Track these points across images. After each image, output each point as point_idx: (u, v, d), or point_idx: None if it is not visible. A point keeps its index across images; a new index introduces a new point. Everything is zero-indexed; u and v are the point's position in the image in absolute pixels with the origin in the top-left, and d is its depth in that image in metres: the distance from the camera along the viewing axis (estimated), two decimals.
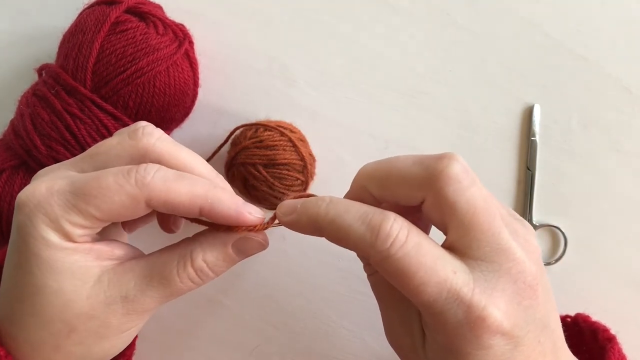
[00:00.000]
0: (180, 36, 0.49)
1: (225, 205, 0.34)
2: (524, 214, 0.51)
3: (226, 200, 0.34)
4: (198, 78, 0.50)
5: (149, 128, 0.35)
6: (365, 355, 0.50)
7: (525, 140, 0.52)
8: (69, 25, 0.48)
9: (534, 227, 0.50)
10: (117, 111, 0.46)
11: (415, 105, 0.53)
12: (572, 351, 0.37)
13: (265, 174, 0.47)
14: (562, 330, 0.36)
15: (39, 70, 0.49)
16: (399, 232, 0.32)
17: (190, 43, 0.50)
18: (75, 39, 0.46)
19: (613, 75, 0.52)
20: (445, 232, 0.34)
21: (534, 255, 0.34)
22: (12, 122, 0.48)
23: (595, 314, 0.45)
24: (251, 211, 0.35)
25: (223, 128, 0.52)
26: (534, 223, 0.51)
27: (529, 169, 0.51)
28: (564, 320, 0.44)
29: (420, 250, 0.32)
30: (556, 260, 0.51)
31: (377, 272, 0.37)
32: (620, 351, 0.41)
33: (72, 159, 0.36)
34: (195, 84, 0.50)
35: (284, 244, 0.51)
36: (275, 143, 0.47)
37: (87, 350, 0.34)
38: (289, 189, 0.47)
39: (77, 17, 0.48)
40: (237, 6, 0.54)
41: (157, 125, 0.37)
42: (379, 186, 0.35)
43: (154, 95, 0.46)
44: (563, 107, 0.52)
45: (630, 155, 0.51)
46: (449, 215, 0.33)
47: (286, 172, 0.47)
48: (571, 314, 0.46)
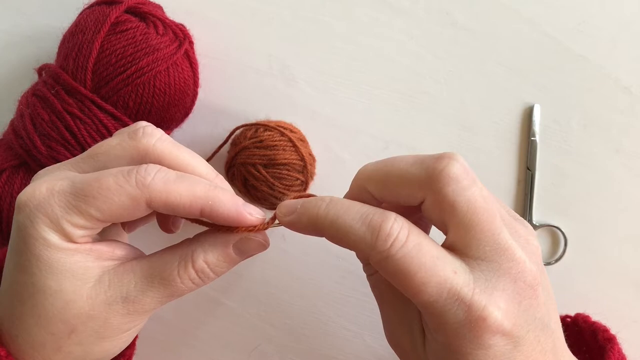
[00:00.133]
0: (180, 36, 0.49)
1: (226, 206, 0.34)
2: (524, 214, 0.51)
3: (227, 201, 0.34)
4: (198, 78, 0.50)
5: (149, 128, 0.35)
6: (365, 355, 0.50)
7: (525, 140, 0.52)
8: (69, 25, 0.48)
9: (534, 227, 0.50)
10: (117, 111, 0.46)
11: (415, 105, 0.53)
12: (572, 351, 0.37)
13: (265, 174, 0.46)
14: (562, 330, 0.36)
15: (39, 70, 0.49)
16: (400, 232, 0.32)
17: (190, 43, 0.50)
18: (75, 39, 0.46)
19: (613, 75, 0.52)
20: (445, 232, 0.34)
21: (534, 255, 0.34)
22: (12, 122, 0.48)
23: (595, 314, 0.45)
24: (251, 212, 0.35)
25: (223, 128, 0.52)
26: (534, 223, 0.51)
27: (529, 169, 0.51)
28: (564, 320, 0.44)
29: (421, 251, 0.32)
30: (556, 260, 0.51)
31: (377, 273, 0.37)
32: (620, 351, 0.41)
33: (72, 159, 0.36)
34: (195, 84, 0.50)
35: (284, 244, 0.51)
36: (275, 143, 0.47)
37: (88, 350, 0.34)
38: (289, 189, 0.47)
39: (77, 17, 0.48)
40: (237, 6, 0.54)
41: (157, 125, 0.37)
42: (379, 186, 0.35)
43: (154, 95, 0.46)
44: (563, 107, 0.52)
45: (630, 155, 0.51)
46: (449, 215, 0.33)
47: (286, 172, 0.47)
48: (571, 314, 0.46)
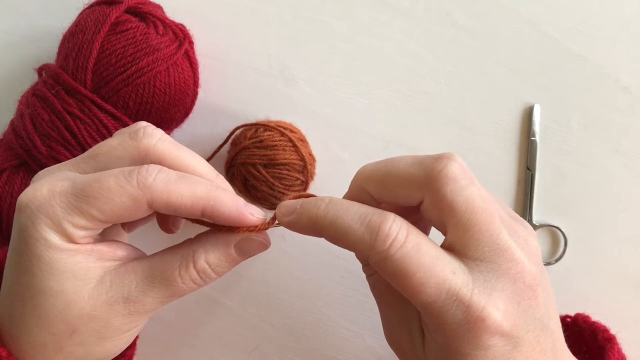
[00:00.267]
0: (180, 36, 0.49)
1: (227, 206, 0.34)
2: (524, 214, 0.51)
3: (228, 201, 0.34)
4: (198, 78, 0.50)
5: (150, 129, 0.35)
6: (365, 355, 0.50)
7: (525, 140, 0.52)
8: (69, 25, 0.48)
9: (534, 227, 0.50)
10: (117, 111, 0.46)
11: (415, 105, 0.53)
12: (572, 351, 0.37)
13: (265, 174, 0.47)
14: (562, 330, 0.36)
15: (39, 70, 0.49)
16: (398, 233, 0.32)
17: (190, 43, 0.50)
18: (75, 39, 0.46)
19: (613, 75, 0.52)
20: (444, 233, 0.34)
21: (534, 255, 0.34)
22: (12, 122, 0.48)
23: (595, 314, 0.45)
24: (253, 212, 0.35)
25: (223, 128, 0.52)
26: (534, 223, 0.51)
27: (529, 169, 0.51)
28: (563, 320, 0.44)
29: (420, 251, 0.32)
30: (556, 260, 0.51)
31: (377, 273, 0.37)
32: (619, 351, 0.41)
33: (73, 160, 0.36)
34: (195, 84, 0.50)
35: (284, 244, 0.51)
36: (275, 143, 0.47)
37: (89, 350, 0.34)
38: (289, 189, 0.47)
39: (77, 17, 0.48)
40: (237, 6, 0.54)
41: (157, 126, 0.37)
42: (378, 187, 0.35)
43: (154, 96, 0.46)
44: (563, 107, 0.52)
45: (630, 155, 0.51)
46: (448, 215, 0.33)
47: (286, 172, 0.47)
48: (571, 314, 0.46)
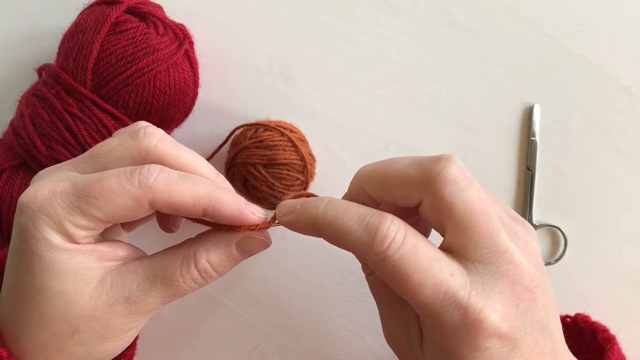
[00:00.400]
0: (180, 36, 0.49)
1: (229, 205, 0.34)
2: (524, 214, 0.51)
3: (229, 200, 0.34)
4: (198, 78, 0.50)
5: (150, 129, 0.35)
6: (365, 355, 0.50)
7: (525, 140, 0.52)
8: (69, 25, 0.48)
9: (534, 227, 0.50)
10: (117, 111, 0.46)
11: (415, 105, 0.53)
12: (572, 351, 0.36)
13: (265, 174, 0.47)
14: (562, 330, 0.36)
15: (39, 70, 0.49)
16: (396, 234, 0.32)
17: (190, 43, 0.50)
18: (75, 39, 0.46)
19: (613, 75, 0.52)
20: (443, 234, 0.34)
21: (534, 257, 0.34)
22: (12, 122, 0.48)
23: (595, 314, 0.45)
24: (254, 211, 0.35)
25: (223, 128, 0.52)
26: (534, 223, 0.51)
27: (529, 169, 0.51)
28: (563, 320, 0.44)
29: (417, 252, 0.32)
30: (556, 260, 0.51)
31: (375, 273, 0.37)
32: (619, 351, 0.41)
33: (73, 160, 0.36)
34: (195, 84, 0.50)
35: (284, 244, 0.51)
36: (275, 143, 0.47)
37: (90, 350, 0.34)
38: (289, 189, 0.47)
39: (77, 17, 0.48)
40: (237, 6, 0.54)
41: (157, 125, 0.37)
42: (377, 188, 0.35)
43: (154, 96, 0.46)
44: (563, 107, 0.52)
45: (630, 155, 0.51)
46: (446, 216, 0.33)
47: (286, 172, 0.47)
48: (571, 314, 0.46)
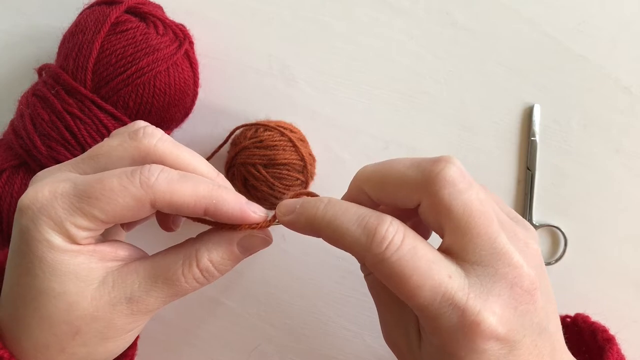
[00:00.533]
0: (180, 36, 0.49)
1: (230, 204, 0.34)
2: (524, 214, 0.51)
3: (230, 200, 0.34)
4: (198, 78, 0.50)
5: (150, 129, 0.35)
6: (365, 355, 0.50)
7: (525, 140, 0.52)
8: (69, 25, 0.48)
9: (533, 227, 0.50)
10: (117, 111, 0.46)
11: (415, 105, 0.53)
12: (572, 351, 0.36)
13: (265, 174, 0.47)
14: (562, 330, 0.36)
15: (39, 70, 0.49)
16: (395, 236, 0.32)
17: (191, 43, 0.50)
18: (75, 39, 0.46)
19: (613, 75, 0.52)
20: (442, 236, 0.34)
21: (534, 259, 0.34)
22: (12, 122, 0.48)
23: (595, 314, 0.45)
24: (255, 210, 0.35)
25: (223, 128, 0.52)
26: (534, 223, 0.51)
27: (529, 169, 0.51)
28: (563, 320, 0.44)
29: (416, 254, 0.32)
30: (556, 260, 0.51)
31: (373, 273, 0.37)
32: (619, 352, 0.41)
33: (72, 161, 0.36)
34: (195, 84, 0.50)
35: (284, 244, 0.51)
36: (275, 143, 0.47)
37: (91, 351, 0.34)
38: (289, 189, 0.47)
39: (77, 17, 0.48)
40: (237, 6, 0.54)
41: (157, 125, 0.37)
42: (376, 188, 0.35)
43: (154, 96, 0.46)
44: (563, 107, 0.52)
45: (630, 155, 0.51)
46: (445, 218, 0.33)
47: (286, 172, 0.47)
48: (571, 314, 0.46)
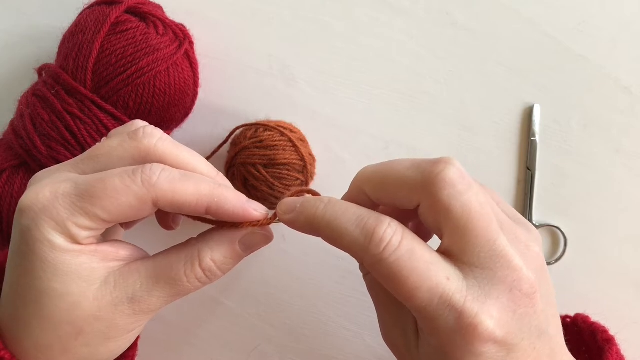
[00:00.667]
0: (180, 36, 0.49)
1: (231, 203, 0.34)
2: (524, 214, 0.51)
3: (232, 198, 0.34)
4: (198, 78, 0.50)
5: (149, 129, 0.35)
6: (365, 355, 0.50)
7: (525, 140, 0.52)
8: (69, 25, 0.48)
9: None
10: (117, 111, 0.46)
11: (415, 105, 0.53)
12: (572, 352, 0.36)
13: (265, 174, 0.47)
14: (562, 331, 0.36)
15: (39, 70, 0.49)
16: (393, 237, 0.32)
17: (191, 43, 0.50)
18: (75, 39, 0.46)
19: (613, 75, 0.52)
20: (441, 237, 0.34)
21: (535, 262, 0.34)
22: (12, 122, 0.48)
23: (595, 314, 0.45)
24: (256, 207, 0.35)
25: (223, 128, 0.52)
26: (534, 223, 0.51)
27: (529, 169, 0.51)
28: (563, 320, 0.44)
29: (414, 255, 0.31)
30: (556, 260, 0.51)
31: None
32: (618, 352, 0.40)
33: (71, 161, 0.36)
34: (195, 84, 0.50)
35: (284, 244, 0.51)
36: (275, 143, 0.47)
37: (94, 351, 0.34)
38: (288, 189, 0.47)
39: (77, 17, 0.48)
40: (237, 6, 0.54)
41: (157, 125, 0.37)
42: (376, 189, 0.35)
43: (154, 96, 0.46)
44: (563, 107, 0.52)
45: (630, 155, 0.51)
46: (444, 219, 0.32)
47: (286, 172, 0.47)
48: (571, 314, 0.46)
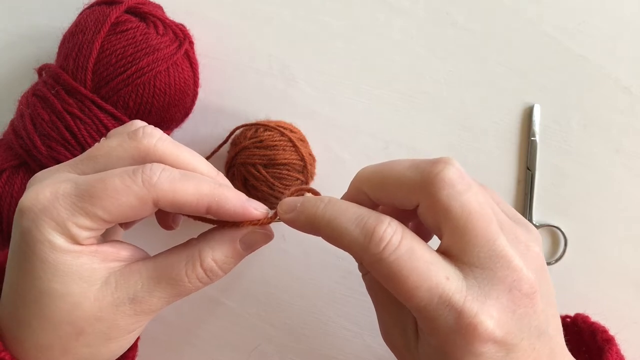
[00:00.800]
0: (180, 36, 0.49)
1: (232, 202, 0.34)
2: (524, 214, 0.51)
3: (232, 197, 0.34)
4: (198, 78, 0.50)
5: (149, 129, 0.35)
6: (365, 355, 0.50)
7: (525, 140, 0.52)
8: (69, 25, 0.48)
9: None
10: (117, 111, 0.46)
11: (415, 105, 0.53)
12: (571, 352, 0.36)
13: (265, 174, 0.47)
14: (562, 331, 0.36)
15: (39, 70, 0.49)
16: (393, 236, 0.32)
17: (191, 43, 0.50)
18: (75, 39, 0.46)
19: (613, 75, 0.52)
20: (440, 237, 0.34)
21: (535, 262, 0.34)
22: (12, 122, 0.48)
23: (595, 314, 0.45)
24: (256, 206, 0.35)
25: (223, 128, 0.52)
26: (534, 223, 0.51)
27: (529, 169, 0.51)
28: (563, 320, 0.44)
29: (413, 255, 0.32)
30: (556, 260, 0.51)
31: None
32: (618, 352, 0.40)
33: (71, 161, 0.36)
34: (195, 84, 0.50)
35: (284, 244, 0.51)
36: (275, 143, 0.47)
37: (95, 352, 0.34)
38: (288, 189, 0.47)
39: (77, 17, 0.48)
40: (237, 6, 0.54)
41: (157, 125, 0.37)
42: (376, 189, 0.35)
43: (154, 96, 0.46)
44: (563, 107, 0.52)
45: (630, 155, 0.51)
46: (443, 219, 0.33)
47: (286, 172, 0.47)
48: (571, 314, 0.46)
